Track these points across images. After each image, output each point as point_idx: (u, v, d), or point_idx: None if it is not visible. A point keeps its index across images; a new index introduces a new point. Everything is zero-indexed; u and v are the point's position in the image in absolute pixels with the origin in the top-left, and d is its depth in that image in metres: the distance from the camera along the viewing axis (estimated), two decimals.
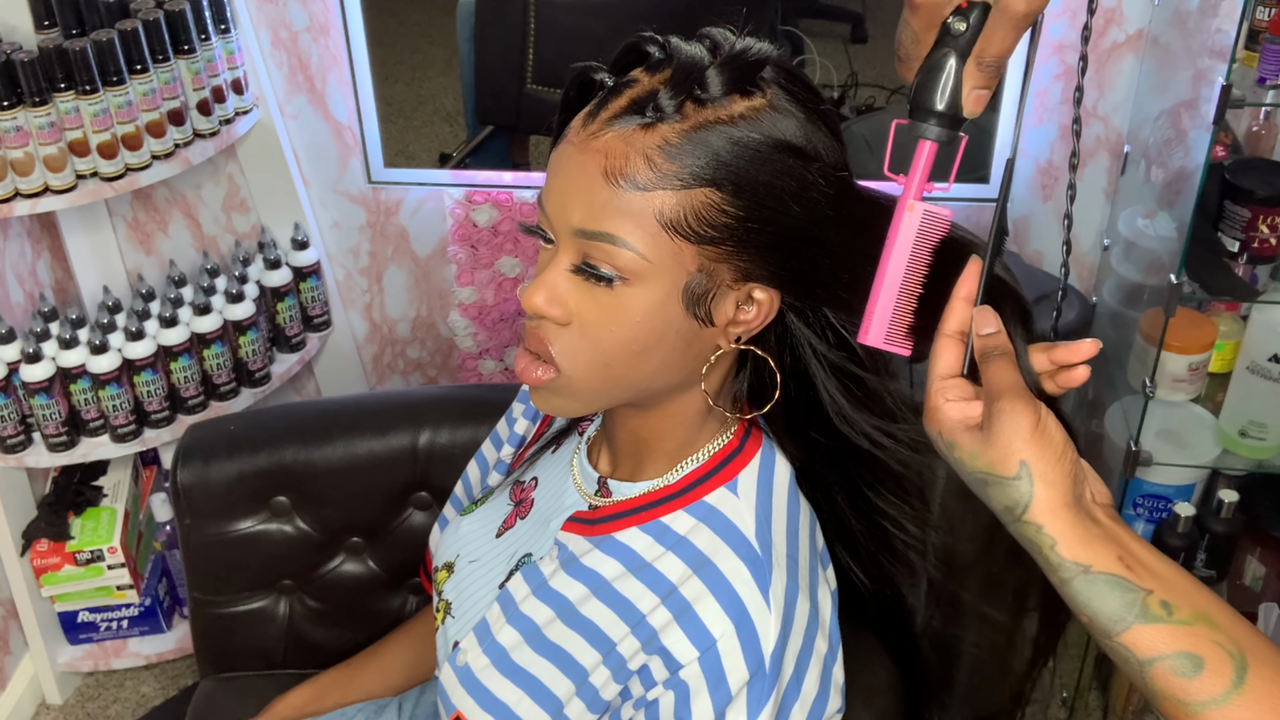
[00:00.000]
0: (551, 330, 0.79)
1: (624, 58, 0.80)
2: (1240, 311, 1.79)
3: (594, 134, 0.76)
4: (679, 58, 0.77)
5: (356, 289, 2.21)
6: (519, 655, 0.88)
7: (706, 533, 0.82)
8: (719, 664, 0.77)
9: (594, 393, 0.82)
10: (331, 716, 1.19)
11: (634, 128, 0.74)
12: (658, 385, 0.82)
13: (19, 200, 1.65)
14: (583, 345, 0.79)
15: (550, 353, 0.79)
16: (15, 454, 1.84)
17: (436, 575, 1.03)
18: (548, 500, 0.95)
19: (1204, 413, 1.84)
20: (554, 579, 0.88)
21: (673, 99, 0.74)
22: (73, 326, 1.79)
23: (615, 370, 0.79)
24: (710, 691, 0.77)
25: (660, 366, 0.80)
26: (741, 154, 0.74)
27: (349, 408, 1.51)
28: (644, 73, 0.78)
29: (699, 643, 0.78)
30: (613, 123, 0.75)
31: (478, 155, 2.03)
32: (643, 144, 0.74)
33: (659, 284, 0.76)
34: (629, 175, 0.74)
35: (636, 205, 0.74)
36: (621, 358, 0.79)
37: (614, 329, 0.77)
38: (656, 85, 0.76)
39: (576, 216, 0.76)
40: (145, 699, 2.07)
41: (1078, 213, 2.00)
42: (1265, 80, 1.52)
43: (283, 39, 1.96)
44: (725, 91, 0.75)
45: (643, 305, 0.76)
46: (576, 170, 0.76)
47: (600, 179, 0.75)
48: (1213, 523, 1.82)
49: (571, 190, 0.76)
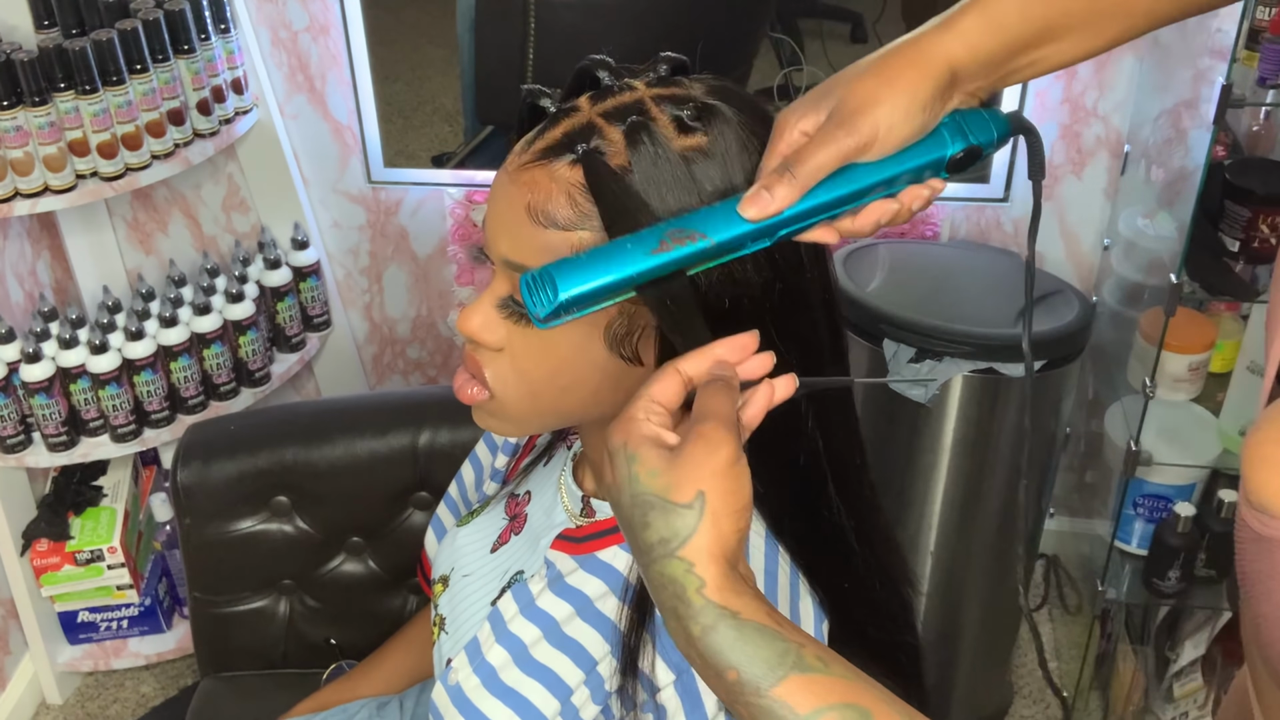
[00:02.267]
0: (486, 355, 0.79)
1: (576, 82, 0.78)
2: (1240, 311, 1.80)
3: (525, 165, 0.74)
4: (619, 94, 0.74)
5: (356, 289, 2.21)
6: (507, 675, 0.88)
7: None
8: (694, 686, 0.77)
9: (525, 418, 0.82)
10: (333, 713, 1.19)
11: (564, 163, 0.73)
12: (594, 415, 0.81)
13: (19, 200, 1.65)
14: (512, 374, 0.78)
15: (484, 376, 0.79)
16: (15, 454, 1.84)
17: (434, 587, 1.04)
18: (539, 517, 0.95)
19: (1204, 413, 1.83)
20: (541, 598, 0.88)
21: (604, 137, 0.72)
22: (73, 326, 1.79)
23: (543, 401, 0.79)
24: (687, 714, 0.77)
25: (590, 400, 0.79)
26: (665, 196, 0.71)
27: (349, 408, 1.51)
28: (588, 100, 0.76)
29: (675, 665, 0.78)
30: (544, 155, 0.74)
31: (478, 155, 2.03)
32: (568, 180, 0.72)
33: (579, 324, 0.73)
34: (549, 213, 0.72)
35: (556, 243, 0.72)
36: (548, 390, 0.78)
37: (540, 362, 0.77)
38: (593, 118, 0.74)
39: (504, 247, 0.75)
40: (145, 699, 2.07)
41: (1078, 212, 2.00)
42: (1265, 80, 1.52)
43: (282, 39, 1.96)
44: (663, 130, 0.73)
45: (566, 343, 0.76)
46: (504, 201, 0.75)
47: (524, 213, 0.73)
48: (1213, 523, 1.82)
49: (500, 221, 0.76)
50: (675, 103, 0.73)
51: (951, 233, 1.99)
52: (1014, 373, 1.62)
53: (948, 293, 1.71)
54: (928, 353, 1.63)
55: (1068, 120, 1.92)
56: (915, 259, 1.83)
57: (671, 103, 0.73)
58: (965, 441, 1.69)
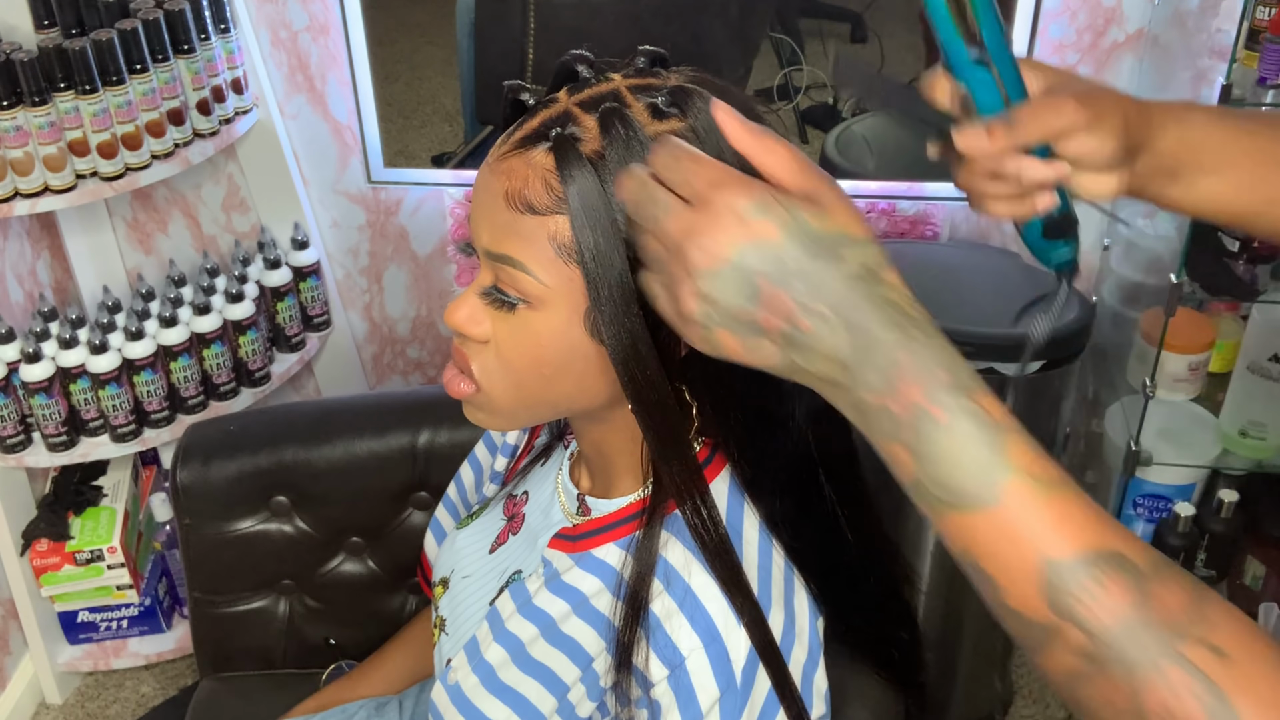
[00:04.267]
0: (473, 348, 0.80)
1: (557, 78, 0.80)
2: (1240, 311, 1.80)
3: (504, 155, 0.75)
4: (596, 85, 0.76)
5: (356, 289, 2.21)
6: (505, 674, 0.88)
7: (678, 547, 0.82)
8: (688, 682, 0.77)
9: (513, 411, 0.82)
10: (333, 713, 1.19)
11: (540, 150, 0.74)
12: (580, 406, 0.82)
13: (19, 200, 1.65)
14: (498, 365, 0.79)
15: (471, 369, 0.80)
16: (15, 454, 1.84)
17: (435, 590, 1.04)
18: (537, 517, 0.95)
19: (1204, 413, 1.84)
20: (537, 596, 0.88)
21: (578, 124, 0.73)
22: (72, 326, 1.79)
23: (529, 391, 0.80)
24: (681, 709, 0.77)
25: (575, 390, 0.80)
26: None
27: (349, 408, 1.51)
28: (566, 93, 0.77)
29: (668, 661, 0.78)
30: (521, 144, 0.75)
31: (477, 155, 2.03)
32: (543, 166, 0.73)
33: (559, 310, 0.75)
34: (526, 199, 0.73)
35: (532, 229, 0.73)
36: (533, 380, 0.79)
37: (523, 352, 0.77)
38: (569, 107, 0.75)
39: (485, 238, 0.76)
40: (145, 699, 2.07)
41: (1079, 212, 2.00)
42: (1265, 80, 1.52)
43: (282, 39, 1.96)
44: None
45: (547, 330, 0.76)
46: (485, 191, 0.76)
47: (502, 201, 0.74)
48: (1213, 523, 1.82)
49: (481, 211, 0.77)
50: (650, 91, 0.75)
51: (951, 233, 1.99)
52: (1014, 373, 1.62)
53: (948, 293, 1.71)
54: None
55: None
56: (915, 259, 1.83)
57: (646, 92, 0.75)
58: None
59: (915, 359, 0.59)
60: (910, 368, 0.58)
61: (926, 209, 1.95)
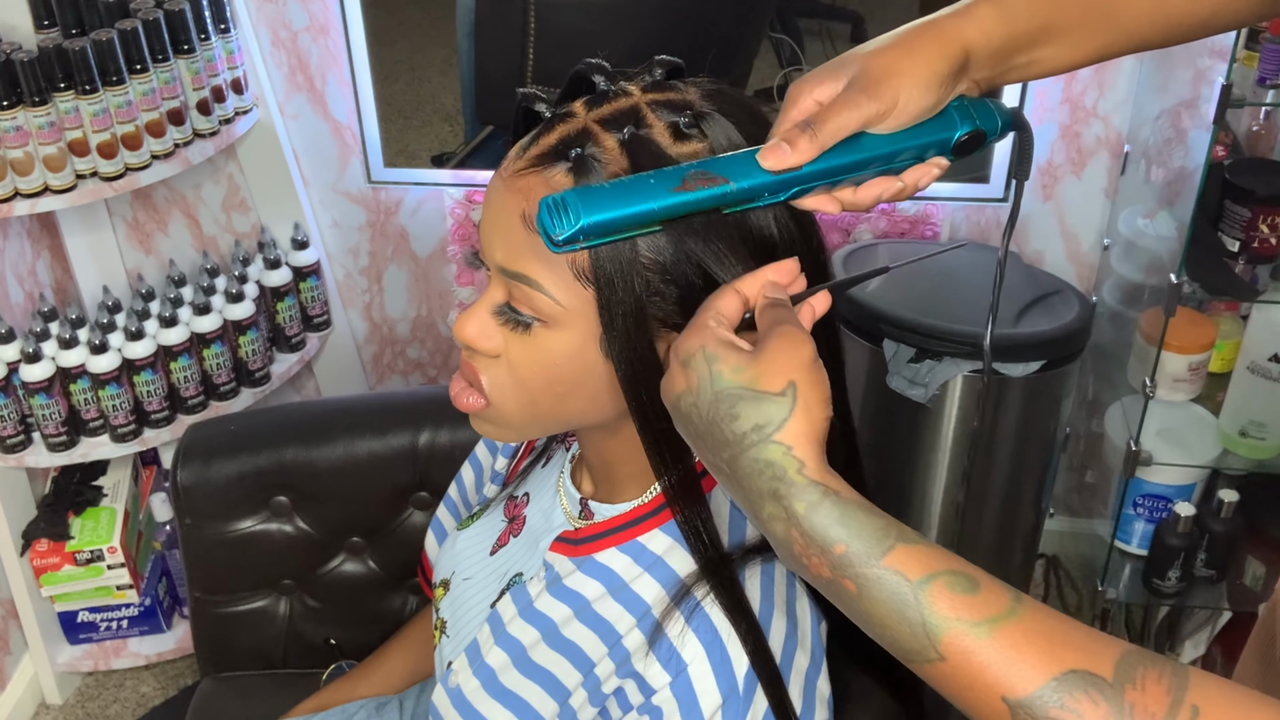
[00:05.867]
0: (483, 362, 0.79)
1: (571, 86, 0.78)
2: (1240, 311, 1.80)
3: (520, 172, 0.74)
4: (614, 100, 0.74)
5: (356, 289, 2.21)
6: (507, 678, 0.88)
7: (681, 553, 0.82)
8: (690, 689, 0.77)
9: (524, 426, 0.82)
10: (333, 713, 1.19)
11: (559, 170, 0.72)
12: (591, 420, 0.82)
13: (19, 200, 1.65)
14: (510, 381, 0.78)
15: (481, 383, 0.79)
16: (15, 454, 1.84)
17: (435, 591, 1.04)
18: (538, 519, 0.95)
19: (1204, 413, 1.84)
20: (539, 600, 0.88)
21: (599, 144, 0.72)
22: (72, 326, 1.79)
23: (541, 408, 0.79)
24: (683, 716, 0.77)
25: (588, 406, 0.79)
26: None
27: (349, 408, 1.51)
28: (583, 106, 0.75)
29: (671, 668, 0.78)
30: (538, 161, 0.73)
31: (477, 155, 2.03)
32: (562, 187, 0.71)
33: (575, 331, 0.74)
34: None
35: (551, 251, 0.71)
36: (546, 398, 0.78)
37: (537, 370, 0.77)
38: (588, 124, 0.73)
39: (499, 254, 0.75)
40: (145, 699, 2.07)
41: (1078, 212, 2.00)
42: (1265, 80, 1.52)
43: (282, 39, 1.96)
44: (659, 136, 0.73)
45: (562, 350, 0.75)
46: (500, 208, 0.75)
47: (519, 221, 0.73)
48: (1213, 523, 1.82)
49: (495, 228, 0.76)
50: (671, 108, 0.73)
51: (951, 233, 1.99)
52: (1014, 373, 1.62)
53: (948, 293, 1.71)
54: (927, 353, 1.63)
55: (1068, 120, 1.92)
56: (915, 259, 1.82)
57: (668, 108, 0.73)
58: (965, 441, 1.69)
59: (803, 533, 0.61)
60: (802, 542, 0.61)
61: (926, 209, 1.96)
